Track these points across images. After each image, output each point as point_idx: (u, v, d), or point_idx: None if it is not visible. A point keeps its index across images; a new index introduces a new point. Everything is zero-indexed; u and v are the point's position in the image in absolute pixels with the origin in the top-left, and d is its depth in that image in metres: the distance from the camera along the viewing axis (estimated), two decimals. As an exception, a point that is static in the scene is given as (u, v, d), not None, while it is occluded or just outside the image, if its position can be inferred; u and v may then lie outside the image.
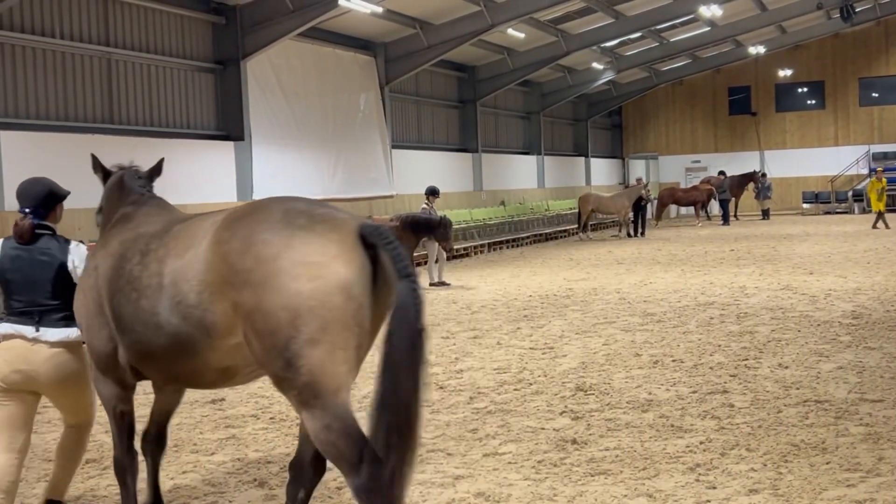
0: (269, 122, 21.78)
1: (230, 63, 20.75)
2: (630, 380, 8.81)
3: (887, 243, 23.42)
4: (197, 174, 19.38)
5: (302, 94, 23.15)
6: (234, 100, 20.81)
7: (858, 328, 11.13)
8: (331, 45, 24.45)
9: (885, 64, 42.61)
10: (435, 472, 6.24)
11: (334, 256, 4.02)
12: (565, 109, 41.98)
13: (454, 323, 13.10)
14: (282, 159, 22.13)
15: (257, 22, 20.72)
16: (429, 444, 6.88)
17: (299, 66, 23.09)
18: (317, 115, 23.69)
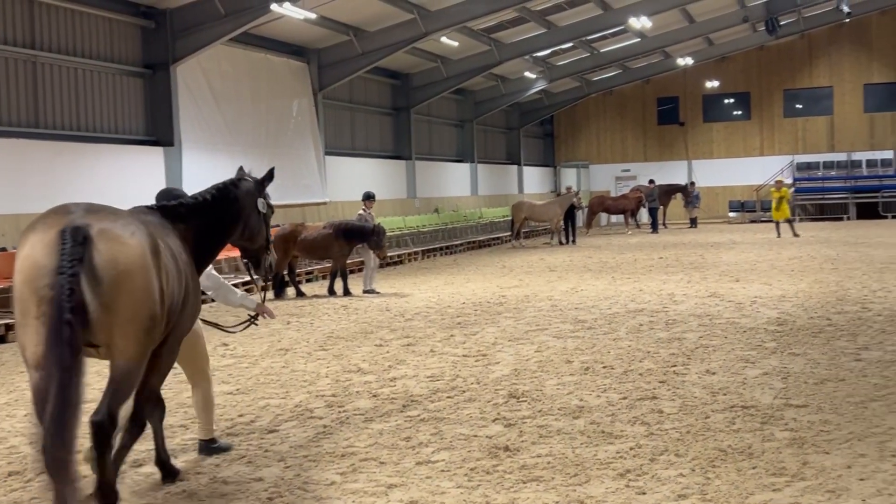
0: (199, 128, 21.51)
1: (160, 67, 20.45)
2: (562, 386, 8.89)
3: (811, 251, 24.03)
4: (125, 180, 19.05)
5: (234, 99, 22.92)
6: (164, 105, 20.51)
7: (783, 335, 11.39)
8: (263, 51, 24.27)
9: (809, 76, 43.76)
10: (367, 481, 6.22)
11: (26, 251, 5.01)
12: (498, 118, 42.27)
13: (387, 330, 13.08)
14: (213, 165, 21.83)
15: (188, 26, 20.46)
16: (361, 453, 6.86)
17: (231, 71, 22.87)
18: (249, 121, 23.48)
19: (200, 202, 6.53)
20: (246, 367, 10.61)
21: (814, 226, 37.52)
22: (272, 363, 10.84)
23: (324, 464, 6.66)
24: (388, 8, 24.82)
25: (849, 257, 21.88)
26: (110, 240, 5.09)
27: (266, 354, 11.46)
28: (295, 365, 10.66)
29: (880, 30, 42.42)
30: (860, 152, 43.23)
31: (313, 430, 7.66)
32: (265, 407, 8.57)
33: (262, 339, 12.73)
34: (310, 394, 9.05)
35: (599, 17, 31.07)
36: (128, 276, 5.11)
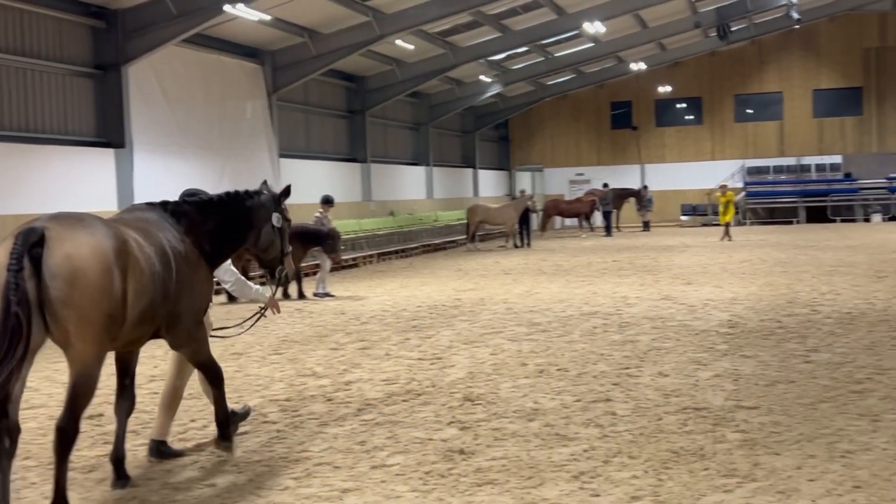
0: (151, 129, 21.25)
1: (111, 68, 20.15)
2: (516, 389, 8.91)
3: (761, 254, 24.37)
4: (75, 182, 18.76)
5: (186, 100, 22.68)
6: (115, 106, 20.21)
7: (734, 337, 11.53)
8: (217, 52, 24.04)
9: (759, 81, 44.41)
10: (322, 485, 6.19)
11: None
12: (453, 121, 42.32)
13: (343, 334, 13.03)
14: (165, 167, 21.61)
15: (139, 27, 20.18)
16: (315, 458, 6.82)
17: (184, 72, 22.62)
18: (202, 123, 23.25)
19: (206, 202, 6.92)
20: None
21: (764, 229, 38.08)
22: (225, 367, 10.65)
23: (277, 469, 6.61)
24: (342, 10, 24.74)
25: (798, 260, 22.23)
26: (65, 239, 5.29)
27: (219, 359, 11.24)
28: (248, 369, 10.58)
29: (829, 36, 43.18)
30: (809, 157, 43.97)
31: (267, 434, 7.60)
32: (218, 412, 8.48)
33: (215, 343, 12.58)
34: (263, 398, 8.98)
35: (554, 21, 31.25)
36: (81, 274, 5.27)
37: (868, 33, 42.86)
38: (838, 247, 26.25)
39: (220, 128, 23.95)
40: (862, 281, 17.35)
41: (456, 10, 25.95)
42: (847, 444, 6.68)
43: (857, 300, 14.59)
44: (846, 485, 5.80)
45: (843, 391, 8.33)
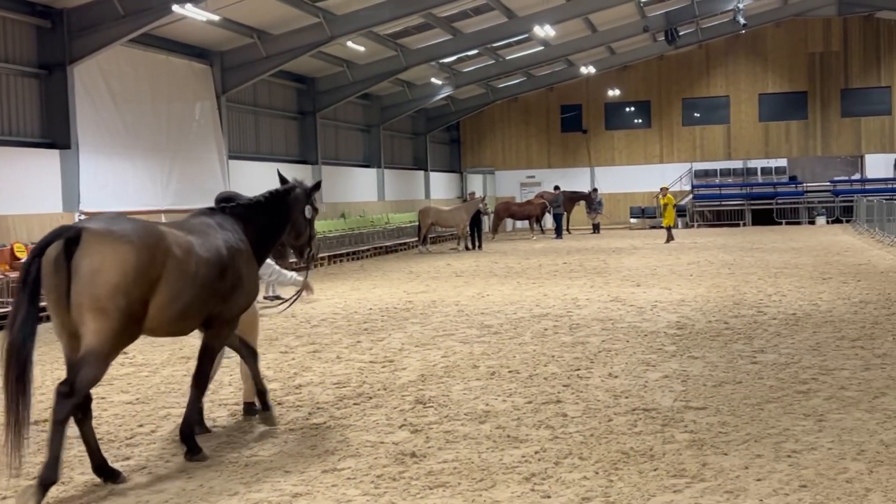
0: (98, 130, 20.93)
1: (56, 68, 19.82)
2: (468, 391, 8.92)
3: (708, 256, 24.68)
4: (19, 183, 18.43)
5: (134, 101, 22.37)
6: (61, 106, 19.87)
7: (682, 338, 11.66)
8: (165, 53, 23.76)
9: (706, 86, 45.01)
10: (272, 490, 6.14)
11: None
12: (405, 123, 42.29)
13: (293, 337, 12.94)
14: (112, 168, 21.31)
15: (86, 26, 19.88)
16: (266, 462, 6.76)
17: (131, 72, 22.33)
18: (149, 124, 22.95)
19: (256, 203, 7.53)
20: (146, 376, 10.36)
21: (711, 232, 38.59)
22: (174, 371, 10.61)
23: (227, 474, 6.54)
24: (293, 11, 24.60)
25: (745, 262, 22.56)
26: (95, 243, 5.88)
27: (167, 363, 11.21)
28: (197, 373, 10.44)
29: (775, 41, 43.92)
30: (755, 160, 44.70)
31: (216, 439, 7.52)
32: (166, 416, 8.38)
33: (164, 346, 12.45)
34: (213, 402, 8.88)
35: (504, 24, 31.38)
36: (101, 276, 5.85)
37: (813, 38, 43.67)
38: (784, 249, 26.70)
39: (168, 129, 23.67)
40: (807, 282, 17.66)
41: (407, 12, 25.95)
42: (793, 443, 6.79)
43: (802, 302, 14.85)
44: (793, 484, 5.89)
45: (788, 391, 8.46)
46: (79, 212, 19.92)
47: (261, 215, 7.50)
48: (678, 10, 36.29)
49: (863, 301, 14.66)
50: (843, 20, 42.94)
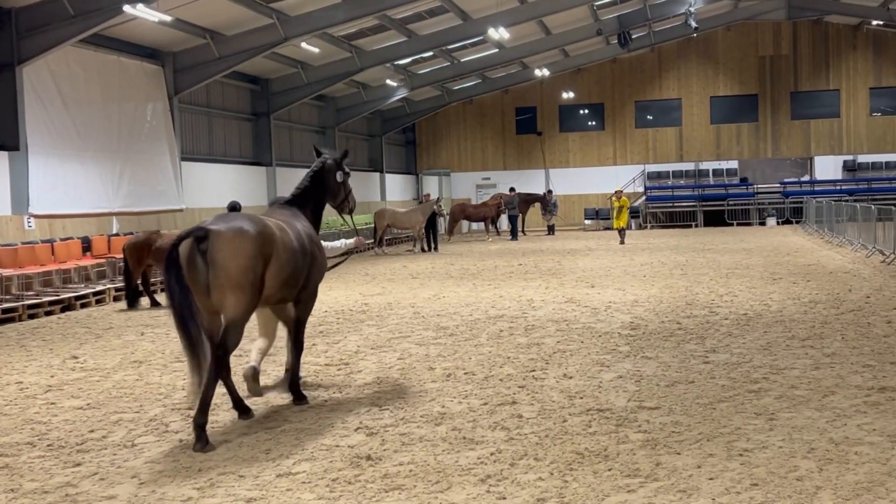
0: (47, 131, 20.61)
1: (4, 68, 19.49)
2: (424, 393, 8.92)
3: (661, 258, 24.93)
4: (-34, 185, 18.09)
5: (84, 102, 22.07)
6: (9, 107, 19.54)
7: (636, 338, 11.76)
8: (116, 53, 23.47)
9: (659, 88, 45.48)
10: (226, 495, 6.08)
11: None
12: (360, 125, 42.20)
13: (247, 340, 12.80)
14: (62, 170, 21.00)
15: (35, 26, 19.58)
16: (219, 467, 6.70)
17: (81, 73, 22.02)
18: (100, 125, 22.65)
19: (305, 189, 9.22)
20: (97, 381, 10.21)
21: (664, 233, 38.99)
22: (125, 376, 10.47)
23: (180, 479, 6.47)
24: (246, 12, 24.43)
25: (697, 263, 22.82)
26: (221, 238, 7.50)
27: (119, 367, 11.06)
28: (150, 377, 10.33)
29: (726, 44, 44.51)
30: (707, 162, 45.26)
31: (169, 444, 7.44)
32: (118, 422, 8.27)
33: (115, 351, 12.29)
34: (165, 407, 8.79)
35: (459, 27, 31.44)
36: (230, 261, 7.49)
37: (763, 42, 44.33)
38: (735, 250, 27.04)
39: (119, 130, 23.37)
40: (758, 283, 17.90)
41: (361, 13, 25.89)
42: (745, 442, 6.88)
43: (753, 302, 15.05)
44: (744, 482, 5.97)
45: (740, 391, 8.57)
46: (28, 214, 19.61)
47: (310, 198, 9.20)
48: (631, 13, 36.65)
49: (812, 301, 14.90)
50: (793, 24, 43.68)
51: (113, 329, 14.64)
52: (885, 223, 22.53)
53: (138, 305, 17.39)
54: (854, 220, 26.44)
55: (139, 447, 7.37)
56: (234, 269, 7.49)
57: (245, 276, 7.54)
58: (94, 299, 18.37)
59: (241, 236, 7.58)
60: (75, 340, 13.51)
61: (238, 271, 7.51)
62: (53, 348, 12.79)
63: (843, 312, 13.48)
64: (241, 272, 7.52)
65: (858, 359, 9.92)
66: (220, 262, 7.46)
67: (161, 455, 7.09)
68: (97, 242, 20.91)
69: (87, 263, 19.91)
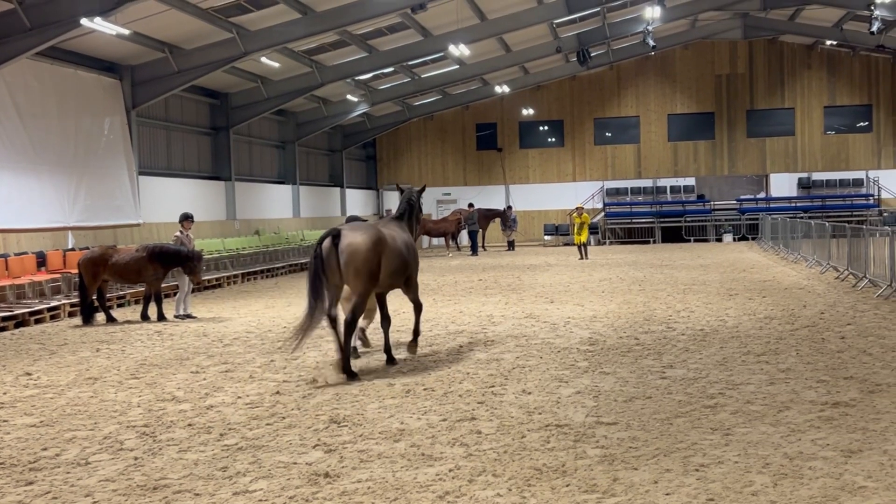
0: (2, 145, 20.33)
1: (-42, 80, 19.23)
2: (383, 410, 8.89)
3: (620, 273, 25.11)
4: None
5: (40, 116, 21.80)
6: (-38, 120, 19.27)
7: (594, 354, 11.83)
8: (73, 66, 23.23)
9: (617, 106, 45.92)
10: (182, 514, 6.01)
11: None
12: (321, 140, 42.11)
13: (205, 357, 12.72)
14: (16, 184, 20.71)
15: (-10, 39, 19.35)
16: (175, 485, 6.62)
17: (37, 86, 21.76)
18: (56, 139, 22.38)
19: (405, 211, 12.32)
20: (51, 398, 10.06)
21: (622, 249, 39.29)
22: (80, 393, 10.32)
23: (134, 497, 6.39)
24: (206, 26, 24.31)
25: (655, 279, 23.01)
26: (348, 237, 10.75)
27: (73, 384, 10.91)
28: (105, 394, 10.20)
29: (683, 63, 45.08)
30: (665, 179, 45.73)
31: (123, 462, 7.34)
32: (72, 439, 8.15)
33: (70, 367, 12.12)
34: (120, 424, 8.68)
35: (420, 43, 31.54)
36: (354, 254, 10.65)
37: (719, 61, 44.96)
38: (692, 266, 27.32)
39: (75, 144, 23.11)
40: (714, 299, 18.09)
41: (322, 29, 25.86)
42: (701, 457, 6.94)
43: (710, 317, 15.21)
44: (700, 497, 6.02)
45: (696, 406, 8.65)
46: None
47: (408, 217, 12.29)
48: (590, 31, 36.98)
49: (767, 317, 15.08)
50: (749, 43, 44.37)
51: (68, 345, 14.44)
52: (839, 240, 22.88)
53: (94, 321, 17.17)
54: (809, 236, 26.84)
55: (93, 465, 7.27)
56: (358, 261, 10.64)
57: (365, 266, 10.69)
58: (49, 315, 18.11)
59: (362, 238, 10.77)
60: (29, 357, 13.30)
61: (360, 263, 10.65)
62: (6, 365, 12.59)
63: (797, 328, 13.67)
64: (363, 263, 10.66)
65: (813, 374, 10.06)
66: (348, 255, 10.63)
67: (115, 473, 7.00)
68: (52, 257, 20.62)
69: (42, 279, 19.63)
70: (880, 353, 11.24)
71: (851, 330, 13.31)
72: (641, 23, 35.57)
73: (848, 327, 13.58)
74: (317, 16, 25.51)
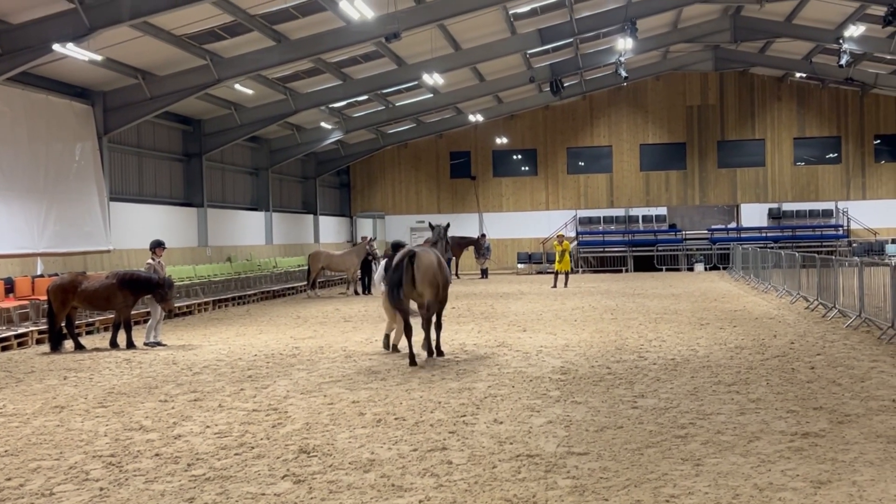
0: (-30, 170, 20.15)
1: (-73, 104, 19.06)
2: (353, 440, 8.83)
3: (592, 302, 25.17)
4: None
5: (10, 141, 21.64)
6: (-69, 144, 19.08)
7: (566, 383, 11.82)
8: (44, 92, 23.11)
9: (590, 136, 46.26)
10: (147, 546, 5.91)
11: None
12: (294, 167, 42.08)
13: (173, 385, 12.59)
14: (-15, 210, 20.51)
15: (-40, 63, 19.22)
16: (141, 517, 6.52)
17: (8, 112, 21.61)
18: (26, 164, 22.21)
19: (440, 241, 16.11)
20: (16, 427, 9.90)
21: (595, 277, 39.40)
22: (45, 422, 10.17)
23: (99, 530, 6.28)
24: (179, 53, 24.29)
25: (627, 308, 23.08)
26: (421, 256, 14.06)
27: (39, 412, 10.75)
28: (71, 423, 10.05)
29: (655, 94, 45.55)
30: (637, 208, 46.03)
31: (89, 493, 7.23)
32: (36, 469, 8.02)
33: (36, 395, 11.95)
34: (86, 454, 8.55)
35: (394, 71, 31.67)
36: (428, 270, 14.04)
37: (691, 92, 45.46)
38: (664, 295, 27.44)
39: (46, 170, 22.94)
40: (685, 328, 18.17)
41: (296, 57, 25.92)
42: (671, 488, 6.93)
43: (681, 347, 15.26)
44: (670, 528, 6.00)
45: (667, 436, 8.65)
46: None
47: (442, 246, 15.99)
48: (563, 61, 37.30)
49: (738, 346, 15.16)
50: (720, 75, 44.91)
51: (35, 373, 14.25)
52: (809, 270, 23.08)
53: (62, 348, 16.97)
54: (779, 266, 27.05)
55: (57, 496, 7.15)
56: (430, 276, 14.13)
57: (434, 279, 14.16)
58: (16, 342, 17.87)
59: (431, 258, 14.26)
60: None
61: (431, 275, 14.12)
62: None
63: (767, 358, 13.74)
64: (433, 276, 14.14)
65: (783, 404, 10.10)
66: (423, 270, 14.06)
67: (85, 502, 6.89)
68: (21, 283, 20.40)
69: (10, 305, 19.40)
70: (849, 384, 11.32)
71: (821, 360, 13.40)
72: (614, 54, 35.92)
73: (818, 357, 13.67)
74: (291, 44, 25.58)
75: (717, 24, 36.20)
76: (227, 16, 22.67)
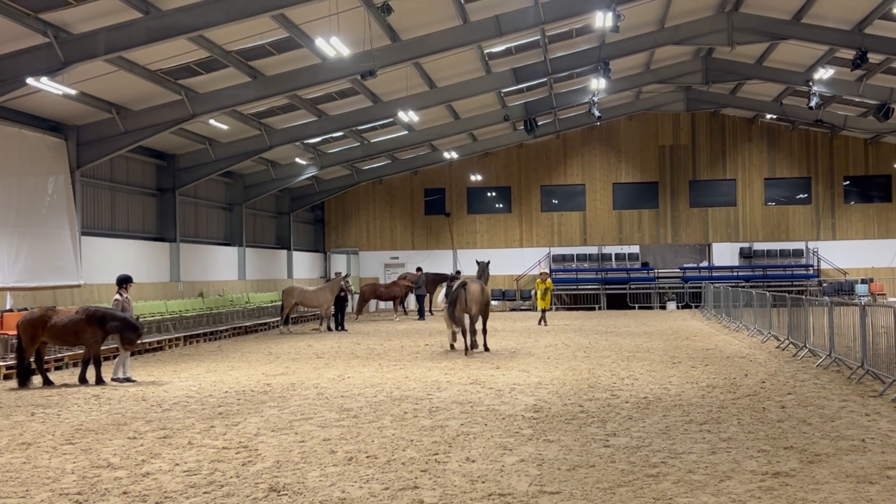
0: (-60, 203, 19.95)
1: None
2: (324, 478, 8.76)
3: (565, 339, 25.21)
4: None
5: (-19, 173, 21.46)
6: None
7: (539, 421, 11.81)
8: (16, 125, 22.98)
9: (563, 174, 46.57)
10: (113, 587, 5.82)
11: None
12: (268, 202, 42.02)
13: (142, 422, 12.46)
14: (-46, 243, 20.29)
15: (-68, 95, 19.11)
16: (108, 557, 6.42)
17: (-20, 144, 21.46)
18: (-2, 197, 22.02)
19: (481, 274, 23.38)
20: (-19, 465, 9.75)
21: (568, 315, 39.50)
22: (12, 459, 10.03)
23: (64, 570, 6.18)
24: (154, 88, 24.28)
25: (600, 346, 23.14)
26: (472, 284, 21.80)
27: (6, 449, 10.60)
28: (38, 461, 9.91)
29: (627, 134, 46.00)
30: (610, 246, 46.29)
31: (54, 532, 7.11)
32: (1, 509, 7.90)
33: (3, 432, 11.78)
34: (53, 492, 8.43)
35: (369, 108, 31.81)
36: (474, 294, 21.49)
37: (663, 132, 45.96)
38: (636, 333, 27.54)
39: (18, 203, 22.76)
40: (658, 366, 18.23)
41: (272, 93, 26.00)
42: (642, 527, 6.92)
43: (654, 385, 15.30)
44: (641, 568, 5.98)
45: (639, 475, 8.65)
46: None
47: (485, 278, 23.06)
48: (537, 101, 37.62)
49: (710, 385, 15.22)
50: (692, 115, 45.46)
51: (2, 409, 14.05)
52: (780, 309, 23.27)
53: (30, 384, 16.75)
54: (750, 305, 27.24)
55: None
56: (478, 298, 21.03)
57: (481, 300, 21.12)
58: None
59: (477, 287, 21.28)
60: (-41, 421, 12.90)
61: (479, 298, 21.06)
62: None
63: (739, 397, 13.80)
64: (480, 298, 21.10)
65: (754, 443, 10.14)
66: (472, 295, 21.00)
67: (45, 544, 6.78)
68: (-11, 318, 20.15)
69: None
70: (819, 423, 11.38)
71: (792, 399, 13.48)
72: (587, 93, 36.29)
73: (788, 397, 13.75)
74: (267, 80, 25.66)
75: (689, 66, 36.71)
76: (202, 51, 22.73)
